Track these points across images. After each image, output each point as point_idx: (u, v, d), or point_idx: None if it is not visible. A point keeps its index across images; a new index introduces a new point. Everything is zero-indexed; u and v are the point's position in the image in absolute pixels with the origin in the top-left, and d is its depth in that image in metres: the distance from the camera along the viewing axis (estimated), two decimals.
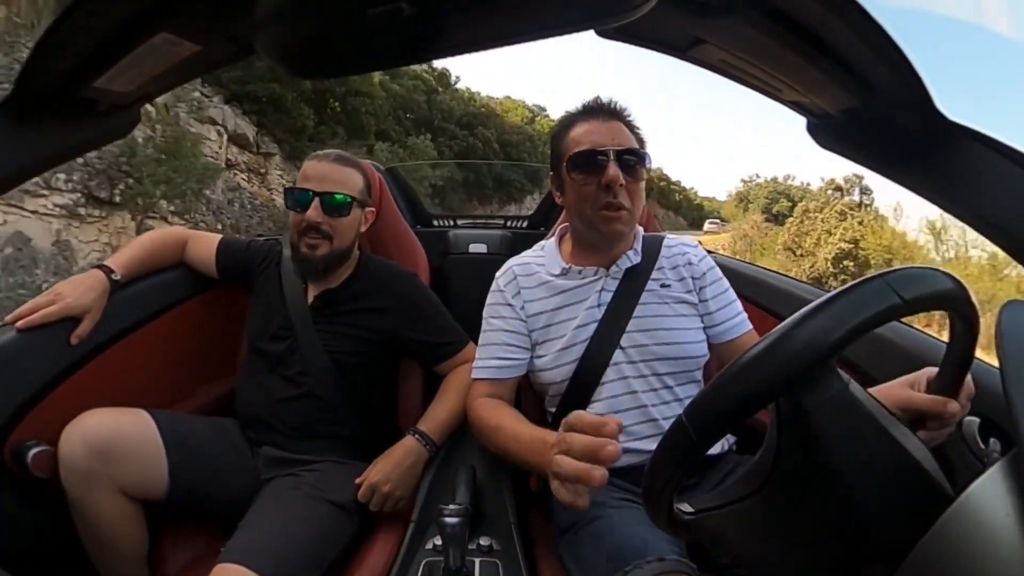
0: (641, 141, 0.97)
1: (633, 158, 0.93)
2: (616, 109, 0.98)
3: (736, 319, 1.01)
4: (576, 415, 0.64)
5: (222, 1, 0.47)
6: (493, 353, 1.00)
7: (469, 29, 0.41)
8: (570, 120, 1.00)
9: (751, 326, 1.02)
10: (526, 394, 1.10)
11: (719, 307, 1.01)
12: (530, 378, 1.04)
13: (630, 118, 0.98)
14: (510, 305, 1.00)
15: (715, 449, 0.98)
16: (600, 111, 0.98)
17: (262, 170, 11.28)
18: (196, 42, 0.52)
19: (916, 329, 0.89)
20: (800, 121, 0.60)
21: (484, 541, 0.86)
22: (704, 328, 1.01)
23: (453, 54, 0.42)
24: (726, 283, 1.04)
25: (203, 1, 0.48)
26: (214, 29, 0.52)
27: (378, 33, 0.39)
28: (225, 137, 10.11)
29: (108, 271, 1.05)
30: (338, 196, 1.10)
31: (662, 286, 1.00)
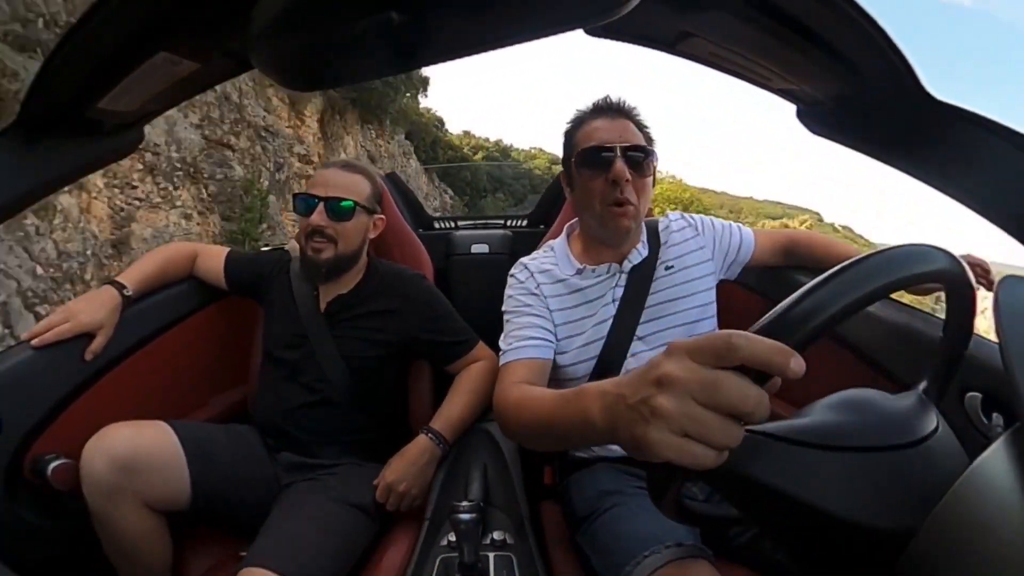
0: (649, 139, 0.99)
1: (639, 154, 0.94)
2: (624, 107, 1.00)
3: (744, 239, 1.10)
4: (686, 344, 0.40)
5: (218, 19, 0.48)
6: (521, 335, 0.96)
7: (459, 34, 0.41)
8: (580, 118, 1.02)
9: (751, 231, 1.12)
10: None
11: (732, 246, 1.10)
12: (549, 375, 1.04)
13: (639, 117, 1.00)
14: (534, 295, 1.01)
15: None
16: (609, 109, 1.00)
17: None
18: (195, 60, 0.53)
19: (913, 308, 0.89)
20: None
21: (498, 535, 0.88)
22: (731, 266, 1.11)
23: (444, 59, 0.42)
24: (720, 224, 1.12)
25: (200, 20, 0.49)
26: (211, 47, 0.53)
27: (370, 43, 0.40)
28: (447, 196, 20.46)
29: (120, 287, 1.07)
30: (343, 202, 1.11)
31: (666, 268, 1.02)
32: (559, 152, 1.08)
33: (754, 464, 0.47)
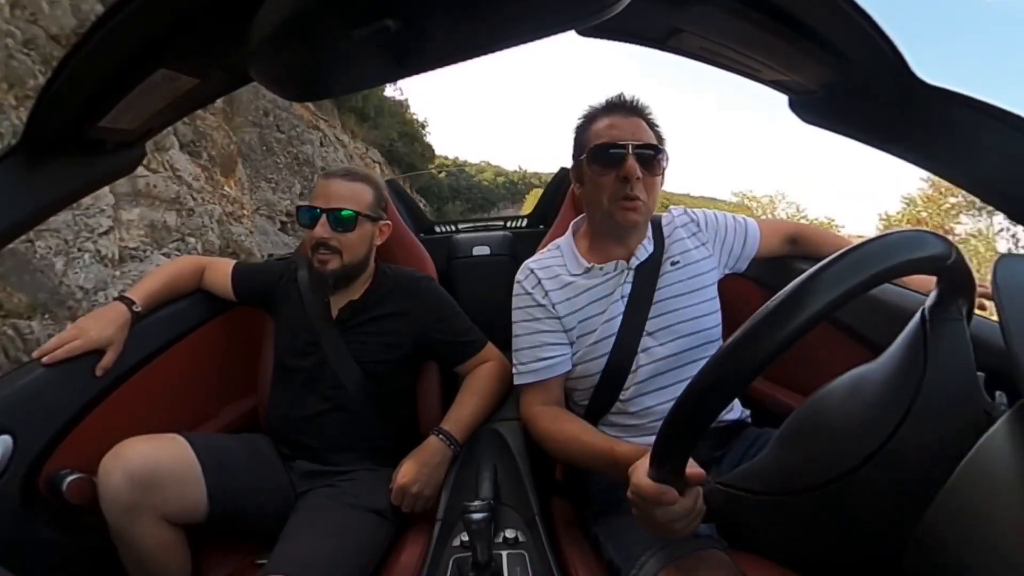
0: (660, 138, 1.00)
1: (650, 152, 0.95)
2: (637, 105, 1.01)
3: (750, 232, 1.11)
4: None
5: (215, 35, 0.49)
6: (535, 355, 1.00)
7: (455, 40, 0.42)
8: (592, 115, 1.03)
9: (755, 224, 1.13)
10: None
11: (738, 240, 1.10)
12: None
13: (650, 115, 1.01)
14: (541, 305, 1.02)
15: (732, 415, 1.01)
16: (621, 107, 1.01)
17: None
18: (194, 76, 0.54)
19: (915, 290, 0.90)
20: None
21: (509, 533, 0.88)
22: (737, 260, 1.11)
23: (441, 66, 0.43)
24: (723, 218, 1.12)
25: (197, 36, 0.49)
26: (210, 62, 0.53)
27: (367, 52, 0.41)
28: (422, 204, 19.71)
29: (129, 303, 1.08)
30: (344, 212, 1.12)
31: (672, 264, 1.03)
32: (505, 165, 1.12)
33: (727, 518, 0.51)
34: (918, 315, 0.54)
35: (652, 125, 1.00)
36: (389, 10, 0.37)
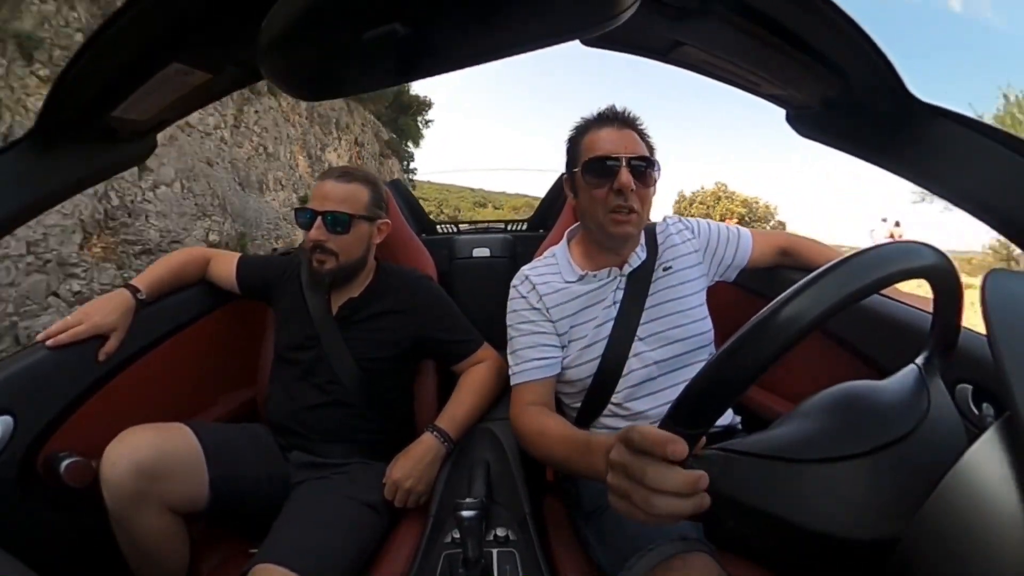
0: (651, 149, 1.01)
1: (644, 164, 0.97)
2: (629, 117, 1.02)
3: (742, 243, 1.13)
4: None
5: (228, 31, 0.50)
6: (528, 356, 1.02)
7: (462, 46, 0.43)
8: (585, 127, 1.04)
9: (749, 234, 1.15)
10: None
11: (729, 250, 1.12)
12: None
13: (642, 127, 1.03)
14: (536, 309, 1.04)
15: (724, 420, 1.02)
16: (614, 119, 1.02)
17: None
18: (206, 70, 0.55)
19: (903, 303, 0.91)
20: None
21: (500, 532, 0.89)
22: (727, 269, 1.12)
23: (447, 70, 0.44)
24: (716, 227, 1.14)
25: (211, 32, 0.51)
26: (222, 58, 0.55)
27: (375, 54, 0.42)
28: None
29: (134, 290, 1.10)
30: (339, 215, 1.12)
31: (664, 269, 1.05)
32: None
33: (725, 481, 0.50)
34: (913, 367, 0.55)
35: (643, 136, 1.01)
36: (398, 14, 0.38)
